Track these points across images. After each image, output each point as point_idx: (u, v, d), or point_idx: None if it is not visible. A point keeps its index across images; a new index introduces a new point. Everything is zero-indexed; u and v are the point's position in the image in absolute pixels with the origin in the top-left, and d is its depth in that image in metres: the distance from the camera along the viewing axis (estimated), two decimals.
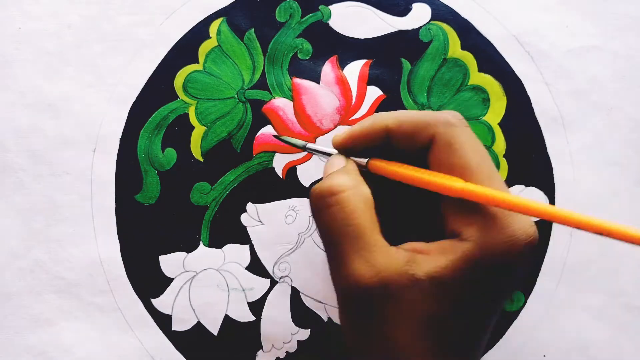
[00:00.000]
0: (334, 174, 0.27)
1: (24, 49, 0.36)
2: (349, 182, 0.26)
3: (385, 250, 0.25)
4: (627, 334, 0.35)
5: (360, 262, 0.25)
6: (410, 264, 0.24)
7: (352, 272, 0.25)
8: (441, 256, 0.25)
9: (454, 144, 0.26)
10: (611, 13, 0.36)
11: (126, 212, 0.35)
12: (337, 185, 0.26)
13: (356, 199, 0.25)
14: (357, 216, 0.25)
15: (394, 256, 0.25)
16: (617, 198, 0.35)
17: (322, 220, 0.26)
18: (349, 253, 0.25)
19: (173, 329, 0.35)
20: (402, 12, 0.36)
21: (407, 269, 0.24)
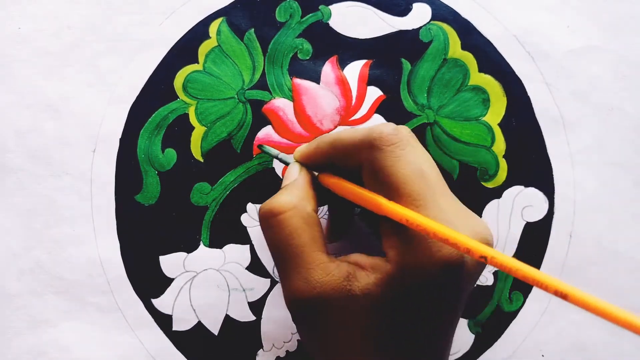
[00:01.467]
0: (281, 192, 0.28)
1: (24, 49, 0.36)
2: (291, 201, 0.27)
3: (323, 267, 0.26)
4: (625, 335, 0.35)
5: (298, 278, 0.26)
6: (349, 279, 0.26)
7: (292, 287, 0.27)
8: (372, 273, 0.26)
9: (376, 170, 0.26)
10: (612, 13, 0.36)
11: (126, 212, 0.35)
12: (278, 206, 0.27)
13: (295, 220, 0.27)
14: (296, 236, 0.27)
15: (332, 272, 0.26)
16: (617, 198, 0.35)
17: (267, 240, 0.28)
18: (289, 270, 0.27)
19: (174, 329, 0.35)
20: (403, 12, 0.36)
21: (344, 285, 0.26)
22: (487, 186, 0.36)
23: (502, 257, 0.23)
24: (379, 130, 0.27)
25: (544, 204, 0.35)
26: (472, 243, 0.24)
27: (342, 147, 0.28)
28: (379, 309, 0.26)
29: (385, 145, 0.26)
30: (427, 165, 0.27)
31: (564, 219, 0.35)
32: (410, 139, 0.27)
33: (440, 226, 0.24)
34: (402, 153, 0.26)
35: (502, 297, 0.35)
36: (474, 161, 0.35)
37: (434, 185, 0.26)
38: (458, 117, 0.36)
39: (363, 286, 0.26)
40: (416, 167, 0.26)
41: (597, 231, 0.35)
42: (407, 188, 0.25)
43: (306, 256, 0.26)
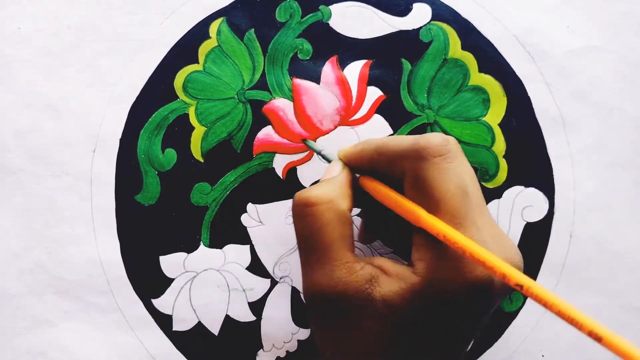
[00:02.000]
0: (319, 185, 0.28)
1: (24, 49, 0.36)
2: (328, 195, 0.27)
3: (348, 267, 0.26)
4: (625, 334, 0.35)
5: (322, 273, 0.26)
6: (372, 283, 0.26)
7: (314, 281, 0.26)
8: (397, 282, 0.26)
9: (419, 181, 0.26)
10: (612, 13, 0.36)
11: (126, 212, 0.35)
12: (315, 198, 0.27)
13: (329, 214, 0.27)
14: (327, 230, 0.26)
15: (357, 273, 0.26)
16: (618, 199, 0.35)
17: (297, 228, 0.28)
18: (314, 263, 0.27)
19: (174, 329, 0.35)
20: (403, 12, 0.36)
21: (365, 288, 0.26)
22: (488, 186, 0.36)
23: (538, 288, 0.23)
24: (427, 140, 0.26)
25: (544, 204, 0.35)
26: (509, 269, 0.23)
27: (387, 153, 0.27)
28: (396, 319, 0.25)
29: (432, 156, 0.26)
30: (470, 182, 0.26)
31: (564, 219, 0.35)
32: (458, 152, 0.27)
33: (478, 247, 0.24)
34: (448, 166, 0.26)
35: None
36: (474, 161, 0.35)
37: (475, 203, 0.26)
38: (458, 117, 0.36)
39: (385, 292, 0.25)
40: (460, 182, 0.26)
41: (597, 231, 0.35)
42: (448, 204, 0.25)
43: (334, 252, 0.26)
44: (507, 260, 0.26)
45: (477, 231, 0.25)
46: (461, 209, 0.25)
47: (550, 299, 0.22)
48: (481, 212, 0.26)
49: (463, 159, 0.27)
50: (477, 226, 0.25)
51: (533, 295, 0.23)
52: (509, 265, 0.23)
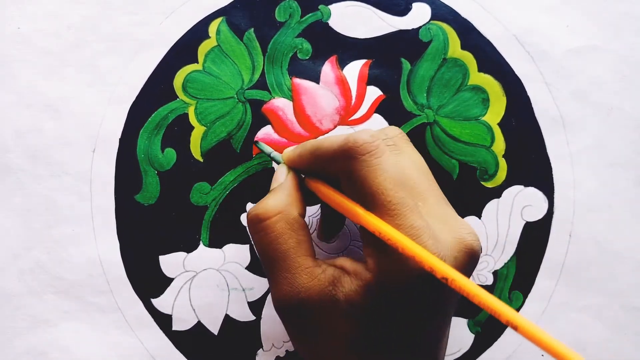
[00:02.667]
0: (268, 196, 0.29)
1: (24, 49, 0.36)
2: (277, 206, 0.28)
3: (309, 272, 0.27)
4: (625, 334, 0.35)
5: (284, 283, 0.27)
6: (335, 284, 0.26)
7: (278, 291, 0.27)
8: (355, 280, 0.26)
9: (352, 179, 0.26)
10: (612, 13, 0.36)
11: (126, 212, 0.35)
12: (264, 212, 0.27)
13: (280, 225, 0.27)
14: (282, 241, 0.27)
15: (318, 277, 0.26)
16: (617, 198, 0.35)
17: (254, 243, 0.28)
18: (276, 274, 0.27)
19: (173, 328, 0.35)
20: (402, 11, 0.36)
21: (329, 290, 0.26)
22: (487, 186, 0.36)
23: (463, 280, 0.23)
24: (354, 138, 0.26)
25: (544, 204, 0.35)
26: (436, 262, 0.23)
27: (321, 155, 0.28)
28: (360, 316, 0.26)
29: (359, 155, 0.26)
30: (409, 170, 0.27)
31: (564, 218, 0.35)
32: (392, 144, 0.27)
33: (408, 241, 0.24)
34: (377, 162, 0.26)
35: (502, 296, 0.35)
36: (473, 161, 0.35)
37: (415, 190, 0.26)
38: (458, 117, 0.36)
39: (346, 292, 0.26)
40: (391, 174, 0.26)
41: (596, 231, 0.35)
42: (381, 198, 0.25)
43: (291, 261, 0.27)
44: (458, 240, 0.26)
45: (419, 218, 0.25)
46: (395, 200, 0.25)
47: (472, 290, 0.23)
48: (424, 197, 0.27)
49: (401, 149, 0.27)
50: (418, 213, 0.25)
51: (457, 287, 0.23)
52: (438, 258, 0.24)
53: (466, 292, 0.23)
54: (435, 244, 0.25)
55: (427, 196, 0.27)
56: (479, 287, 0.23)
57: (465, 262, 0.26)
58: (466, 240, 0.26)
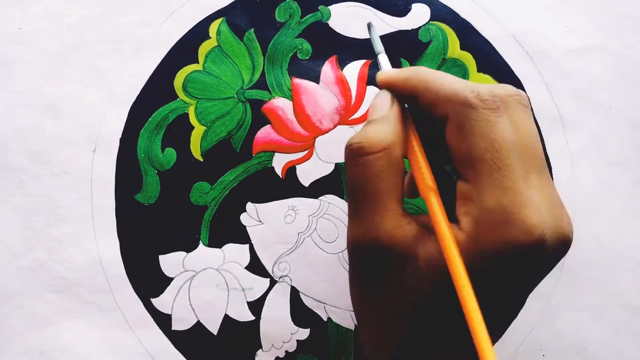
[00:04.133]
0: (372, 126, 0.26)
1: (25, 50, 0.36)
2: (383, 141, 0.25)
3: (397, 219, 0.25)
4: (625, 333, 0.35)
5: (369, 222, 0.25)
6: (417, 240, 0.25)
7: (360, 228, 0.25)
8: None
9: (464, 128, 0.24)
10: (610, 13, 0.36)
11: (126, 211, 0.35)
12: (369, 146, 0.25)
13: (382, 162, 0.25)
14: (380, 180, 0.25)
15: (403, 227, 0.25)
16: (617, 198, 0.35)
17: (348, 176, 0.26)
18: (363, 212, 0.25)
19: (173, 328, 0.35)
20: (402, 12, 0.36)
21: (411, 244, 0.24)
22: None
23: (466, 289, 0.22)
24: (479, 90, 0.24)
25: None
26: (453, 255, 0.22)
27: (436, 90, 0.25)
28: (438, 280, 0.24)
29: (480, 107, 0.24)
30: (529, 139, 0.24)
31: None
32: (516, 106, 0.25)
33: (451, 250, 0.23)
34: (496, 119, 0.24)
35: None
36: None
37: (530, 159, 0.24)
38: None
39: (428, 252, 0.24)
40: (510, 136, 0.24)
41: (596, 230, 0.35)
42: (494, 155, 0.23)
43: (383, 203, 0.25)
44: (555, 227, 0.24)
45: (527, 187, 0.23)
46: (509, 160, 0.23)
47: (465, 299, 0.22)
48: (539, 171, 0.24)
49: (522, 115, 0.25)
50: (527, 182, 0.23)
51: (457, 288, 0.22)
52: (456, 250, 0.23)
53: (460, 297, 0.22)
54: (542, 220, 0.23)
55: (541, 171, 0.24)
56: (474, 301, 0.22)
57: (559, 249, 0.24)
58: (566, 231, 0.24)
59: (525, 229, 0.23)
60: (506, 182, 0.23)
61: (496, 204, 0.23)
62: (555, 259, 0.25)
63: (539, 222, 0.23)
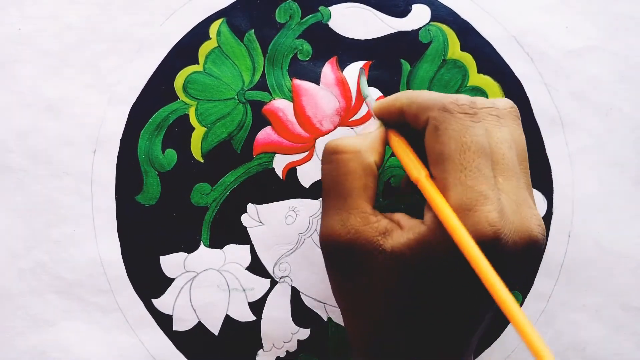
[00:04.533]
0: (350, 137, 0.28)
1: (24, 50, 0.36)
2: (356, 145, 0.27)
3: (364, 216, 0.26)
4: (624, 334, 0.35)
5: (337, 219, 0.27)
6: (385, 235, 0.26)
7: (329, 226, 0.27)
8: (406, 233, 0.26)
9: (438, 130, 0.26)
10: (611, 13, 0.36)
11: (127, 212, 0.35)
12: (343, 146, 0.27)
13: (353, 164, 0.27)
14: (349, 179, 0.27)
15: (371, 224, 0.26)
16: (616, 199, 0.36)
17: (322, 173, 0.28)
18: (332, 209, 0.27)
19: (174, 329, 0.35)
20: (402, 13, 0.36)
21: (378, 239, 0.26)
22: None
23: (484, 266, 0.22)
24: (457, 97, 0.26)
25: (543, 204, 0.36)
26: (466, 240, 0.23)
27: (418, 101, 0.27)
28: (403, 271, 0.25)
29: (456, 111, 0.26)
30: (502, 145, 0.26)
31: (563, 218, 0.36)
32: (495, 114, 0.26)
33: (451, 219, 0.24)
34: (470, 124, 0.25)
35: None
36: None
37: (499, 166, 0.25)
38: None
39: (394, 244, 0.26)
40: (479, 140, 0.25)
41: (595, 231, 0.35)
42: (460, 156, 0.25)
43: (352, 200, 0.27)
44: (524, 227, 0.25)
45: (492, 189, 0.24)
46: (475, 163, 0.25)
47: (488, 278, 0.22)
48: (507, 175, 0.26)
49: (501, 122, 0.27)
50: (493, 184, 0.25)
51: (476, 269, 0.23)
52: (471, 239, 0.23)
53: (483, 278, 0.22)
54: (500, 217, 0.24)
55: (510, 175, 0.26)
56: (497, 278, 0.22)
57: (523, 250, 0.25)
58: (532, 231, 0.25)
59: (481, 225, 0.24)
60: (469, 181, 0.25)
61: (457, 200, 0.24)
62: (523, 260, 0.26)
63: (496, 219, 0.24)
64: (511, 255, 0.25)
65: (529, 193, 0.27)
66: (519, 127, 0.28)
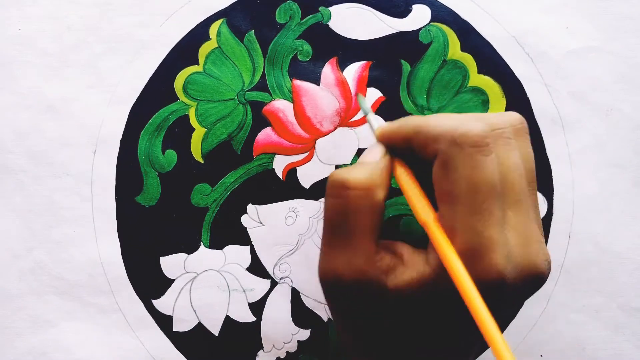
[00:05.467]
0: (359, 168, 0.27)
1: (24, 51, 0.36)
2: (366, 182, 0.26)
3: (368, 256, 0.25)
4: (624, 334, 0.35)
5: (340, 257, 0.26)
6: (388, 273, 0.25)
7: (330, 263, 0.26)
8: (410, 271, 0.25)
9: (448, 167, 0.25)
10: (611, 14, 0.36)
11: (127, 213, 0.35)
12: (353, 182, 0.26)
13: (362, 202, 0.26)
14: (357, 218, 0.26)
15: (374, 264, 0.25)
16: (616, 199, 0.36)
17: (327, 207, 0.27)
18: (336, 246, 0.26)
19: (174, 329, 0.35)
20: (402, 13, 0.36)
21: (381, 278, 0.25)
22: None
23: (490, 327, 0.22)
24: (467, 128, 0.24)
25: (543, 205, 0.36)
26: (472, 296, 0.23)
27: (425, 132, 0.26)
28: (405, 310, 0.25)
29: (467, 145, 0.24)
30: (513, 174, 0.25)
31: (563, 219, 0.36)
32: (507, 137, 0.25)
33: (456, 267, 0.23)
34: (481, 159, 0.24)
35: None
36: None
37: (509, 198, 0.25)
38: None
39: (398, 283, 0.25)
40: (489, 177, 0.24)
41: (595, 231, 0.35)
42: (470, 197, 0.24)
43: (357, 240, 0.26)
44: (531, 265, 0.24)
45: (500, 231, 0.24)
46: (485, 205, 0.24)
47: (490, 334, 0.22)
48: (517, 206, 0.25)
49: (511, 143, 0.25)
50: (502, 225, 0.24)
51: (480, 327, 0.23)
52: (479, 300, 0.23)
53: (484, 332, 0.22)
54: (507, 262, 0.24)
55: (520, 206, 0.25)
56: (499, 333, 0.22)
57: (527, 285, 0.25)
58: (539, 267, 0.25)
59: (487, 271, 0.23)
60: (479, 226, 0.24)
61: (464, 245, 0.24)
62: (525, 293, 0.26)
63: (503, 265, 0.24)
64: (514, 291, 0.25)
65: (538, 225, 0.26)
66: (528, 145, 0.27)
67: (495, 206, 0.24)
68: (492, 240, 0.24)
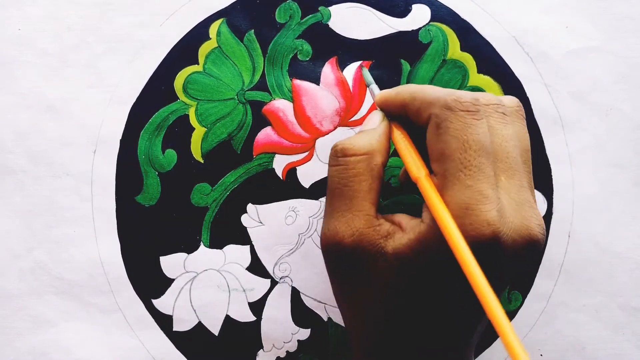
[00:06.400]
0: (359, 135, 0.28)
1: (24, 51, 0.36)
2: (365, 147, 0.27)
3: (368, 219, 0.27)
4: (623, 334, 0.35)
5: (341, 221, 0.27)
6: (387, 238, 0.26)
7: (333, 227, 0.27)
8: (407, 234, 0.26)
9: (440, 128, 0.26)
10: (611, 14, 0.36)
11: (127, 213, 0.35)
12: (352, 148, 0.27)
13: (361, 165, 0.27)
14: (357, 181, 0.27)
15: (374, 227, 0.26)
16: (616, 199, 0.36)
17: (329, 174, 0.28)
18: (336, 210, 0.27)
19: (174, 329, 0.35)
20: (402, 13, 0.36)
21: (380, 242, 0.26)
22: None
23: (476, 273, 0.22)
24: (460, 94, 0.26)
25: (543, 204, 0.36)
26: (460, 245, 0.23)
27: (421, 97, 0.27)
28: (406, 271, 0.25)
29: (458, 109, 0.26)
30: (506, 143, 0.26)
31: (563, 219, 0.36)
32: (502, 112, 0.26)
33: (446, 220, 0.24)
34: (472, 122, 0.25)
35: (501, 296, 0.36)
36: None
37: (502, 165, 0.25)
38: None
39: (395, 246, 0.26)
40: (481, 138, 0.25)
41: (595, 231, 0.35)
42: (461, 155, 0.25)
43: (358, 202, 0.27)
44: (524, 226, 0.25)
45: (492, 188, 0.24)
46: (476, 162, 0.25)
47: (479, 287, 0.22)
48: (510, 174, 0.26)
49: (507, 119, 0.27)
50: (494, 184, 0.25)
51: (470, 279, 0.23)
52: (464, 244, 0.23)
53: (474, 286, 0.22)
54: (499, 217, 0.24)
55: (512, 174, 0.26)
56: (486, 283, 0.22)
57: (522, 249, 0.25)
58: (532, 230, 0.25)
59: (479, 224, 0.24)
60: (469, 180, 0.25)
61: (456, 199, 0.25)
62: (521, 260, 0.26)
63: (495, 218, 0.24)
64: (510, 255, 0.25)
65: (531, 192, 0.27)
66: (524, 127, 0.28)
67: (486, 165, 0.25)
68: (482, 194, 0.24)
